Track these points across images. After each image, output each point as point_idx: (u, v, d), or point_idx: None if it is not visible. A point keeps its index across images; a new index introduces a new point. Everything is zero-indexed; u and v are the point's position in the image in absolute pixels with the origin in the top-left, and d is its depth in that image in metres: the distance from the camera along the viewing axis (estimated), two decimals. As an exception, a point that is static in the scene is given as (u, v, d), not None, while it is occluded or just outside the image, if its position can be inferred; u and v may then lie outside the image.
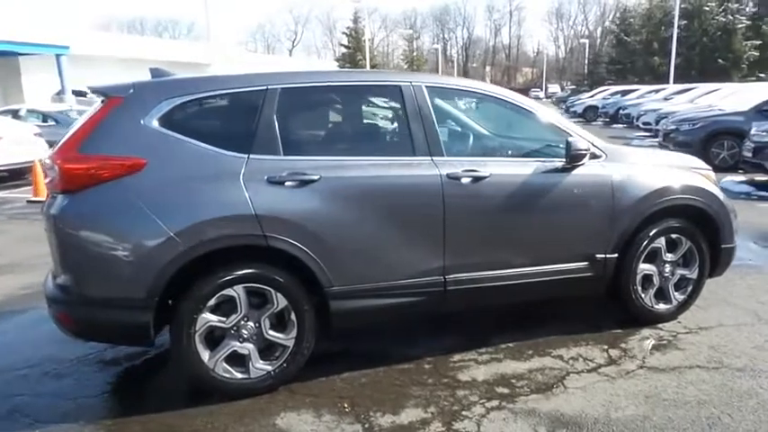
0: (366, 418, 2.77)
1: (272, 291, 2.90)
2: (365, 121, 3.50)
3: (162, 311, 2.79)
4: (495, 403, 2.87)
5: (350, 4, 49.24)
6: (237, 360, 2.93)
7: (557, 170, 3.38)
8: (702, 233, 3.75)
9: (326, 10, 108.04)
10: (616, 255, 3.54)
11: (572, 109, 30.26)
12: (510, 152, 3.51)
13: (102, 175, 2.69)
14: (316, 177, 2.91)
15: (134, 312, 2.73)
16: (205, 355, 2.85)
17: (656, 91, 23.40)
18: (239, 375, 2.93)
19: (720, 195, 3.79)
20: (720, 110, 11.51)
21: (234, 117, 3.07)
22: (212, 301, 2.82)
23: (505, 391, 2.99)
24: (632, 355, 3.37)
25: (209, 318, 2.83)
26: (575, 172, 3.39)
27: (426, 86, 3.24)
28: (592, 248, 3.49)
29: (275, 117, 2.95)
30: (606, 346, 3.48)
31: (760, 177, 9.15)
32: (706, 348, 3.42)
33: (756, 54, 38.90)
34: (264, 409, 2.87)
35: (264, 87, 2.99)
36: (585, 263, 3.49)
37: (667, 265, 3.73)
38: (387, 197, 3.04)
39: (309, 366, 3.09)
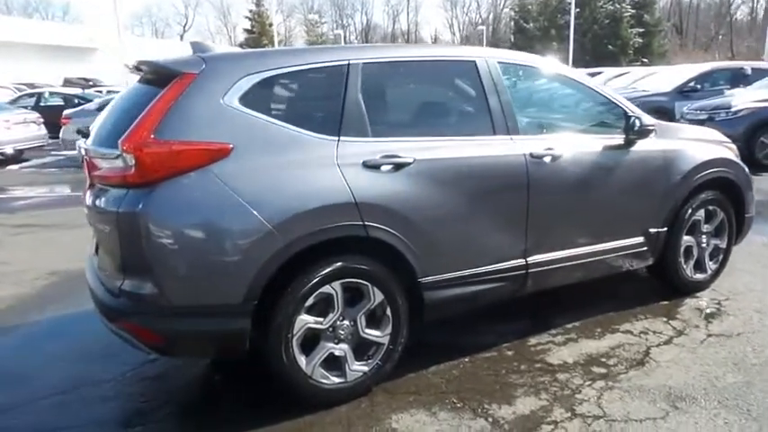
0: (484, 411, 2.62)
1: (370, 285, 2.66)
2: (444, 98, 3.30)
3: None
4: (601, 384, 2.83)
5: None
6: (332, 363, 2.67)
7: (620, 146, 3.38)
8: (731, 204, 3.93)
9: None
10: (666, 228, 3.62)
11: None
12: (576, 129, 3.46)
13: (187, 163, 2.31)
14: (410, 160, 2.68)
15: (230, 320, 2.39)
16: (302, 360, 2.57)
17: (563, 75, 24.53)
18: (336, 380, 2.67)
19: (745, 167, 3.98)
20: (645, 90, 12.25)
21: (317, 96, 2.76)
22: (310, 301, 2.54)
23: (603, 370, 2.95)
24: (694, 324, 3.46)
25: (306, 319, 2.55)
26: (635, 148, 3.41)
27: (499, 62, 3.11)
28: (648, 223, 3.54)
29: (360, 95, 2.69)
30: (665, 318, 3.55)
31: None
32: (754, 313, 3.58)
33: (640, 40, 42.24)
34: (370, 413, 2.64)
35: (346, 62, 2.71)
36: (642, 238, 3.54)
37: (704, 236, 3.87)
38: (478, 179, 2.88)
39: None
